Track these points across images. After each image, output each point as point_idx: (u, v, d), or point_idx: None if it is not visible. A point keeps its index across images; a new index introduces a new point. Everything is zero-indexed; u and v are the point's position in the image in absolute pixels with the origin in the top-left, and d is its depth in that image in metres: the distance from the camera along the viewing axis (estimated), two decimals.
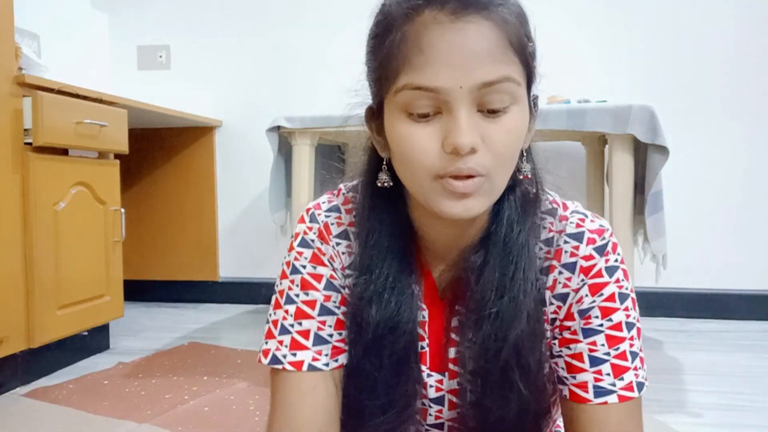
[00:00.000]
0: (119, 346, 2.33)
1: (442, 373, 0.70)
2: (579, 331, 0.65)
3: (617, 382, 0.64)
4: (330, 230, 0.70)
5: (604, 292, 0.65)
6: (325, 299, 0.68)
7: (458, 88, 0.55)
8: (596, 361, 0.65)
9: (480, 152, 0.56)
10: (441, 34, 0.54)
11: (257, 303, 3.07)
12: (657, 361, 2.08)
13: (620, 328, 0.65)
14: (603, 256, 0.65)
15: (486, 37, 0.55)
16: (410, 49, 0.56)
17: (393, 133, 0.60)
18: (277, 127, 2.22)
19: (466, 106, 0.55)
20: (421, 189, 0.59)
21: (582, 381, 0.65)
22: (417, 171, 0.58)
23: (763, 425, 1.54)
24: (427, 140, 0.57)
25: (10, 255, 1.79)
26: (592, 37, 2.78)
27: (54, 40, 2.76)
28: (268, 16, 3.06)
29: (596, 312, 0.65)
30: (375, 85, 0.62)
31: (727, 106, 2.67)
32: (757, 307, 2.65)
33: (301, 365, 0.67)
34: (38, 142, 1.83)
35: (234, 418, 1.59)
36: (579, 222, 0.67)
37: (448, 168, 0.56)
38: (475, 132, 0.56)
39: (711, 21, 2.68)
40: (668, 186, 2.10)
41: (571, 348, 0.66)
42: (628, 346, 0.65)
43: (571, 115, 1.92)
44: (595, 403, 0.64)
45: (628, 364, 0.65)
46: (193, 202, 3.13)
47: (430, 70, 0.55)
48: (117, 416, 1.61)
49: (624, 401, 0.64)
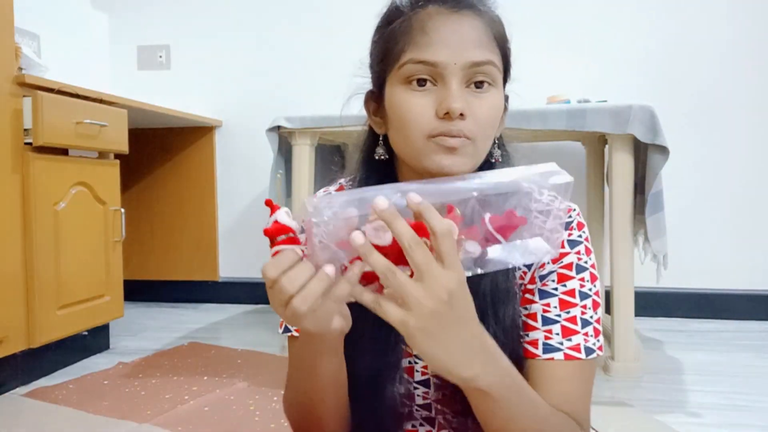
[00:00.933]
0: (119, 346, 2.33)
1: None
2: (536, 292, 0.73)
3: (565, 342, 0.71)
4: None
5: (563, 261, 0.73)
6: None
7: (453, 64, 0.66)
8: (547, 321, 0.72)
9: (467, 119, 0.67)
10: (443, 21, 0.67)
11: (257, 303, 3.07)
12: (657, 361, 2.08)
13: (573, 295, 0.73)
14: (567, 229, 0.74)
15: (477, 28, 0.68)
16: (416, 32, 0.68)
17: (393, 101, 0.70)
18: (277, 127, 2.22)
19: (458, 79, 0.67)
20: (415, 149, 0.69)
21: (534, 338, 0.72)
22: (413, 132, 0.68)
23: (763, 425, 1.54)
24: (423, 106, 0.67)
25: (10, 255, 1.79)
26: (592, 37, 2.77)
27: (54, 40, 2.76)
28: (268, 16, 3.06)
29: (553, 277, 0.73)
30: (379, 66, 0.72)
31: (728, 106, 2.67)
32: (757, 307, 2.65)
33: None
34: (38, 142, 1.83)
35: (234, 418, 1.59)
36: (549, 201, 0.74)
37: (440, 129, 0.67)
38: (465, 101, 0.67)
39: (711, 21, 2.68)
40: (668, 186, 2.10)
41: (528, 308, 0.73)
42: (580, 313, 0.72)
43: (571, 115, 1.92)
44: (542, 359, 0.71)
45: (578, 328, 0.72)
46: (193, 202, 3.13)
47: (432, 48, 0.66)
48: (117, 416, 1.61)
49: (569, 359, 0.71)
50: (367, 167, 0.78)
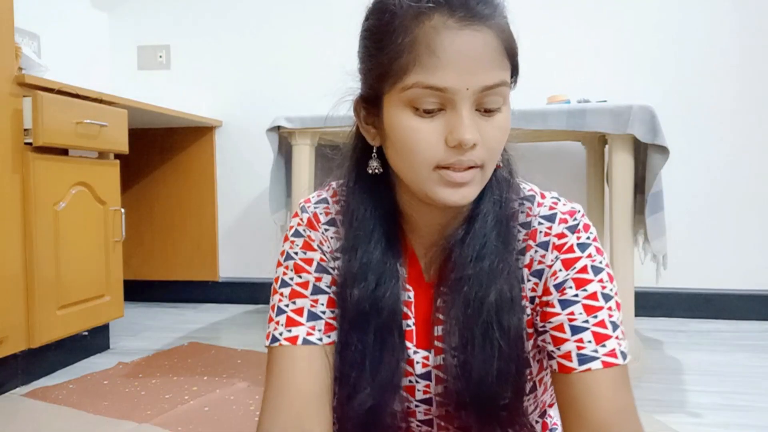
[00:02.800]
0: (119, 346, 2.33)
1: (428, 350, 0.74)
2: (557, 303, 0.69)
3: (600, 349, 0.66)
4: (318, 219, 0.76)
5: (576, 266, 0.69)
6: (316, 280, 0.74)
7: (464, 90, 0.61)
8: (577, 330, 0.67)
9: (478, 147, 0.63)
10: (451, 40, 0.60)
11: (257, 303, 3.07)
12: (657, 361, 2.08)
13: (596, 298, 0.68)
14: (574, 233, 0.70)
15: (489, 45, 0.62)
16: (422, 51, 0.61)
17: (397, 125, 0.64)
18: (277, 127, 2.22)
19: (468, 105, 0.62)
20: (419, 178, 0.65)
21: (566, 351, 0.67)
22: (418, 161, 0.64)
23: (763, 425, 1.54)
24: (431, 134, 0.63)
25: (10, 255, 1.79)
26: (592, 37, 2.77)
27: (54, 40, 2.76)
28: (268, 16, 3.06)
29: (570, 283, 0.69)
30: (375, 79, 0.66)
31: (728, 106, 2.67)
32: (757, 307, 2.65)
33: (296, 340, 0.72)
34: (38, 142, 1.83)
35: (234, 418, 1.59)
36: (552, 205, 0.72)
37: (450, 160, 0.63)
38: (476, 129, 0.62)
39: (711, 21, 2.68)
40: (668, 186, 2.10)
41: (553, 321, 0.69)
42: (607, 316, 0.68)
43: (571, 115, 1.92)
44: (580, 371, 0.66)
45: (610, 332, 0.67)
46: (193, 202, 3.13)
47: (441, 72, 0.60)
48: (117, 416, 1.61)
49: (609, 367, 0.66)
50: (357, 180, 0.74)
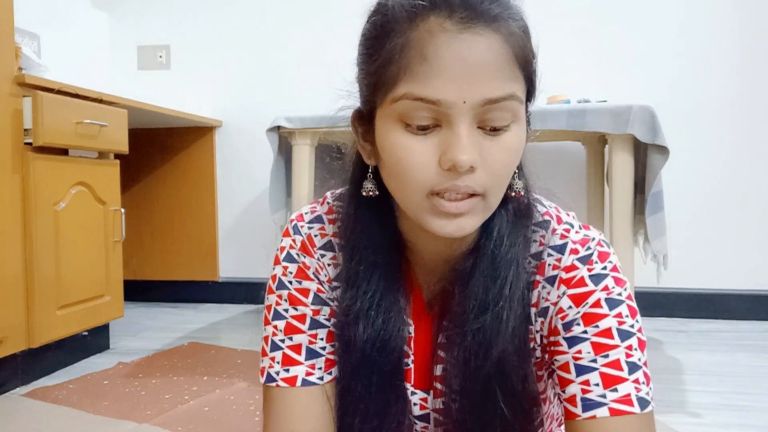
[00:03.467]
0: (119, 346, 2.33)
1: (426, 391, 0.68)
2: (563, 342, 0.60)
3: (608, 394, 0.57)
4: (314, 242, 0.68)
5: (588, 301, 0.60)
6: (314, 313, 0.67)
7: (461, 103, 0.52)
8: (582, 370, 0.58)
9: (478, 171, 0.54)
10: (447, 44, 0.51)
11: (257, 303, 3.07)
12: (657, 361, 2.08)
13: (610, 335, 0.59)
14: (586, 264, 0.61)
15: (493, 51, 0.52)
16: (413, 57, 0.52)
17: (387, 143, 0.56)
18: (277, 127, 2.22)
19: (467, 121, 0.53)
20: (412, 204, 0.57)
21: (571, 395, 0.59)
22: (410, 186, 0.55)
23: (763, 425, 1.54)
24: (423, 154, 0.54)
25: (10, 255, 1.79)
26: (593, 37, 2.77)
27: (54, 40, 2.76)
28: (268, 16, 3.06)
29: (579, 320, 0.60)
30: (368, 90, 0.58)
31: (728, 106, 2.67)
32: (757, 307, 2.65)
33: (294, 381, 0.66)
34: (38, 142, 1.83)
35: (234, 418, 1.58)
36: (564, 233, 0.63)
37: (444, 185, 0.54)
38: (475, 149, 0.53)
39: (711, 21, 2.68)
40: (668, 186, 2.10)
41: (559, 359, 0.61)
42: (624, 356, 0.58)
43: (571, 115, 1.92)
44: (583, 418, 0.57)
45: (624, 374, 0.57)
46: (193, 202, 3.13)
47: (434, 82, 0.52)
48: (117, 416, 1.61)
49: (618, 416, 0.56)
50: (356, 205, 0.65)
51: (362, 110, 0.62)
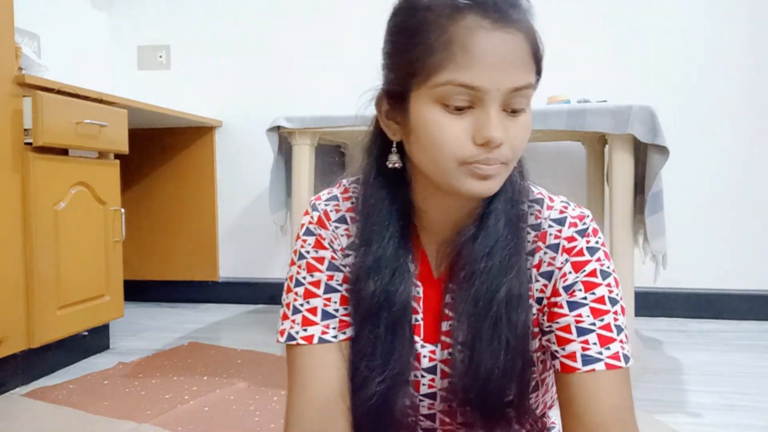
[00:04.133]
0: (119, 346, 2.33)
1: (434, 344, 0.75)
2: (565, 304, 0.71)
3: (604, 351, 0.69)
4: (329, 216, 0.78)
5: (586, 269, 0.71)
6: (328, 278, 0.76)
7: (495, 90, 0.62)
8: (583, 332, 0.69)
9: (504, 145, 0.64)
10: (486, 39, 0.61)
11: (257, 303, 3.07)
12: (657, 361, 2.08)
13: (603, 302, 0.70)
14: (584, 237, 0.72)
15: (519, 47, 0.63)
16: (456, 50, 0.62)
17: (425, 119, 0.65)
18: (277, 127, 2.22)
19: (497, 105, 0.63)
20: (445, 172, 0.66)
21: (571, 351, 0.69)
22: (445, 157, 0.65)
23: (763, 425, 1.54)
24: (460, 131, 0.64)
25: (10, 255, 1.79)
26: (593, 37, 2.77)
27: (54, 40, 2.76)
28: (268, 17, 3.06)
29: (580, 286, 0.70)
30: (404, 75, 0.67)
31: (728, 106, 2.67)
32: (757, 307, 2.65)
33: (311, 339, 0.74)
34: (38, 142, 1.83)
35: (234, 418, 1.59)
36: (562, 209, 0.74)
37: (478, 157, 0.64)
38: (503, 128, 0.64)
39: (712, 20, 2.68)
40: (668, 186, 2.10)
41: (560, 322, 0.71)
42: (613, 320, 0.70)
43: (571, 115, 1.92)
44: (583, 371, 0.68)
45: (614, 335, 0.69)
46: (193, 202, 3.13)
47: (474, 71, 0.61)
48: (117, 416, 1.61)
49: (611, 369, 0.68)
50: (376, 175, 0.74)
51: (390, 92, 0.70)
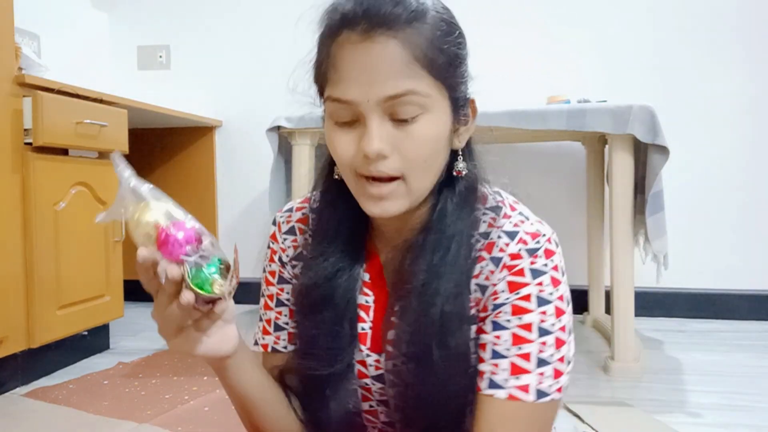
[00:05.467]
0: (119, 346, 2.33)
1: (380, 354, 0.75)
2: (489, 322, 0.68)
3: (511, 380, 0.65)
4: (281, 228, 0.82)
5: (521, 291, 0.66)
6: (278, 292, 0.81)
7: (366, 101, 0.61)
8: (496, 355, 0.66)
9: (391, 157, 0.63)
10: (350, 54, 0.62)
11: (257, 303, 3.06)
12: (657, 361, 2.08)
13: (530, 329, 0.66)
14: (531, 256, 0.67)
15: (389, 56, 0.61)
16: (329, 67, 0.64)
17: (327, 134, 0.68)
18: (277, 127, 2.22)
19: (377, 116, 0.62)
20: (351, 187, 0.68)
21: (481, 370, 0.67)
22: (345, 169, 0.66)
23: (763, 425, 1.54)
24: (347, 144, 0.64)
25: (10, 255, 1.79)
26: (592, 37, 2.77)
27: (54, 40, 2.76)
28: (268, 16, 3.06)
29: (508, 308, 0.66)
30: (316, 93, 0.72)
31: (728, 106, 2.67)
32: (757, 307, 2.65)
33: (267, 347, 0.82)
34: (38, 142, 1.83)
35: (234, 418, 1.57)
36: (518, 222, 0.70)
37: (364, 169, 0.64)
38: (385, 139, 0.62)
39: (712, 20, 2.68)
40: (668, 186, 2.10)
41: (481, 338, 0.68)
42: (537, 350, 0.65)
43: (571, 115, 1.92)
44: (484, 393, 0.66)
45: (530, 366, 0.65)
46: (193, 202, 3.13)
47: (343, 86, 0.63)
48: (117, 416, 1.61)
49: (512, 400, 0.65)
50: (325, 185, 0.76)
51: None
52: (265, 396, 0.76)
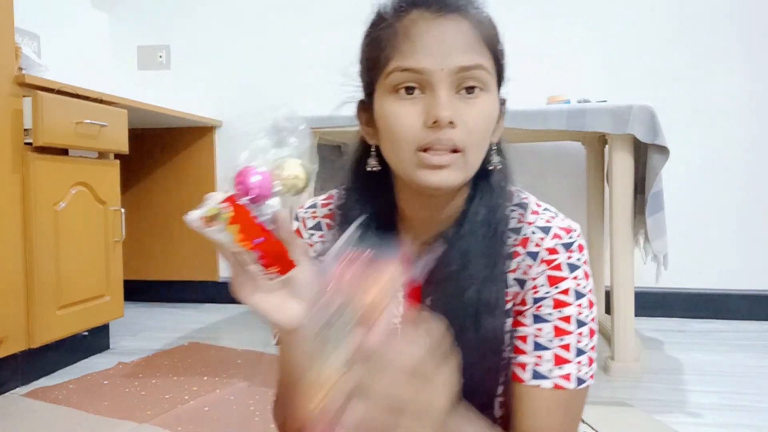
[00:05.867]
0: (119, 346, 2.33)
1: None
2: (530, 315, 0.70)
3: (555, 370, 0.68)
4: (305, 224, 0.81)
5: (560, 285, 0.69)
6: None
7: (440, 70, 0.64)
8: (539, 347, 0.69)
9: (457, 128, 0.64)
10: (427, 27, 0.65)
11: None
12: (657, 361, 2.08)
13: (569, 321, 0.69)
14: (566, 251, 0.70)
15: (463, 32, 0.65)
16: (400, 39, 0.65)
17: (382, 111, 0.67)
18: None
19: (446, 86, 0.64)
20: (403, 162, 0.66)
21: (522, 362, 0.70)
22: (401, 144, 0.66)
23: (763, 425, 1.54)
24: (411, 116, 0.65)
25: (10, 255, 1.79)
26: (593, 38, 2.77)
27: (54, 40, 2.76)
28: (268, 16, 3.06)
29: (549, 302, 0.69)
30: (368, 75, 0.70)
31: (728, 106, 2.67)
32: (757, 307, 2.65)
33: None
34: (38, 142, 1.83)
35: (234, 418, 1.59)
36: (549, 218, 0.73)
37: (429, 139, 0.64)
38: (454, 108, 0.64)
39: (712, 20, 2.68)
40: (668, 186, 2.10)
41: (520, 330, 0.71)
42: (575, 341, 0.69)
43: (571, 115, 1.92)
44: (529, 384, 0.69)
45: (571, 357, 0.69)
46: (193, 202, 3.07)
47: (417, 55, 0.64)
48: (117, 416, 1.61)
49: (557, 389, 0.68)
50: (357, 178, 0.76)
51: (365, 100, 0.73)
52: None
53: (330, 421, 0.48)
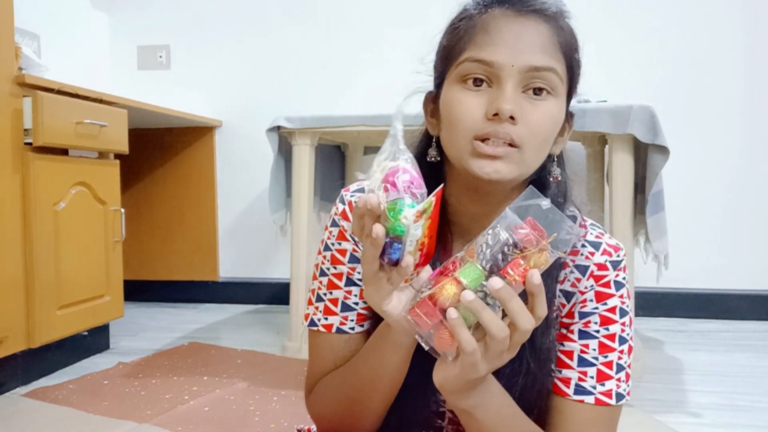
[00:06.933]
0: (119, 346, 2.33)
1: None
2: (576, 330, 0.71)
3: (598, 386, 0.70)
4: (352, 207, 0.77)
5: (608, 303, 0.71)
6: (350, 271, 0.77)
7: (510, 66, 0.64)
8: (584, 362, 0.70)
9: (518, 125, 0.64)
10: (506, 23, 0.66)
11: (257, 303, 3.07)
12: (657, 361, 2.08)
13: (613, 339, 0.70)
14: (616, 270, 0.71)
15: (541, 33, 0.65)
16: (478, 31, 0.66)
17: (447, 98, 0.68)
18: (277, 127, 2.22)
19: (514, 83, 0.64)
20: (459, 151, 0.67)
21: (566, 377, 0.71)
22: (459, 131, 0.66)
23: (763, 425, 1.54)
24: (474, 105, 0.65)
25: (10, 255, 1.79)
26: (593, 37, 2.77)
27: (54, 40, 2.76)
28: (268, 16, 3.06)
29: (596, 318, 0.70)
30: (441, 65, 0.71)
31: (727, 107, 2.67)
32: (757, 307, 2.65)
33: (330, 328, 0.77)
34: (38, 142, 1.83)
35: (234, 418, 1.58)
36: (599, 234, 0.74)
37: (486, 129, 0.64)
38: (517, 104, 0.64)
39: (712, 20, 2.68)
40: (668, 186, 2.10)
41: (565, 345, 0.71)
42: (617, 358, 0.70)
43: None
44: (572, 399, 0.70)
45: (612, 373, 0.70)
46: (193, 202, 3.13)
47: (491, 48, 0.65)
48: (117, 416, 1.61)
49: (599, 405, 0.69)
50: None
51: (433, 91, 0.74)
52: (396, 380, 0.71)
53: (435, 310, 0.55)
